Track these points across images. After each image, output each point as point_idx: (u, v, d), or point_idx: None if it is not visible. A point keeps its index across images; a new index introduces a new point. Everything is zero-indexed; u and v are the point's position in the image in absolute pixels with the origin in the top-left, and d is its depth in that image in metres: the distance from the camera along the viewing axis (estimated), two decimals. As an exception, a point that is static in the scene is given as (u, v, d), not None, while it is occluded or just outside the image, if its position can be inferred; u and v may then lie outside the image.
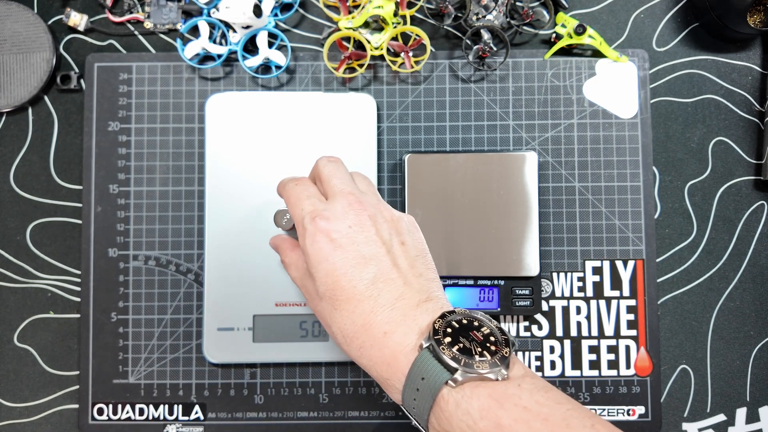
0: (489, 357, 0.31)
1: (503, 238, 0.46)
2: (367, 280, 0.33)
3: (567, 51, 0.50)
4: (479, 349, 0.31)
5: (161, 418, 0.47)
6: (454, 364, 0.30)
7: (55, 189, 0.49)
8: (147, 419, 0.47)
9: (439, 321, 0.32)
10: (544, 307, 0.48)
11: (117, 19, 0.50)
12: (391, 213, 0.37)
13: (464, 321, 0.33)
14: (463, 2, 0.49)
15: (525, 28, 0.49)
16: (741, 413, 0.48)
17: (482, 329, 0.32)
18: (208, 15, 0.49)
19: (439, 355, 0.30)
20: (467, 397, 0.29)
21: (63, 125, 0.50)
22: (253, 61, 0.48)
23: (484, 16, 0.49)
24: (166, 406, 0.47)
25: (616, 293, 0.48)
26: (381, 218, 0.36)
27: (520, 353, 0.48)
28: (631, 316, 0.48)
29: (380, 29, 0.49)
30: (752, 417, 0.48)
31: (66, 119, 0.50)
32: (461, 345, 0.31)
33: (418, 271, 0.35)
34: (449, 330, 0.32)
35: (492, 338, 0.32)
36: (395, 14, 0.48)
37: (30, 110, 0.50)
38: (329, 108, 0.48)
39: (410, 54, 0.48)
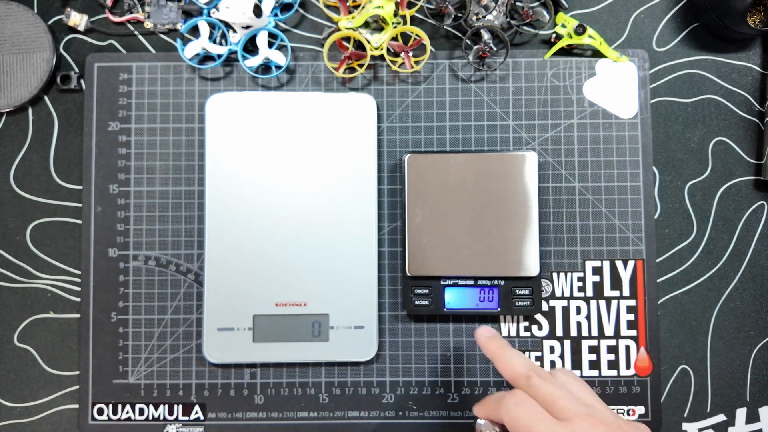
0: None
1: (503, 238, 0.46)
2: None
3: (567, 51, 0.50)
4: None
5: (161, 418, 0.47)
6: None
7: (55, 189, 0.49)
8: (147, 419, 0.47)
9: None
10: (544, 307, 0.48)
11: (117, 19, 0.50)
12: (626, 426, 0.35)
13: None
14: (463, 2, 0.49)
15: (525, 28, 0.49)
16: (741, 413, 0.48)
17: None
18: (208, 15, 0.49)
19: None
20: None
21: (63, 125, 0.50)
22: (253, 61, 0.48)
23: (484, 16, 0.49)
24: (166, 406, 0.47)
25: (616, 293, 0.48)
26: None
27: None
28: (631, 316, 0.48)
29: (380, 29, 0.49)
30: (752, 417, 0.48)
31: (66, 119, 0.50)
32: None
33: None
34: None
35: None
36: (395, 14, 0.48)
37: (30, 110, 0.50)
38: (329, 108, 0.48)
39: (410, 54, 0.48)
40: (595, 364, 0.48)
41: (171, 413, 0.47)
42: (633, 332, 0.48)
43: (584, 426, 0.34)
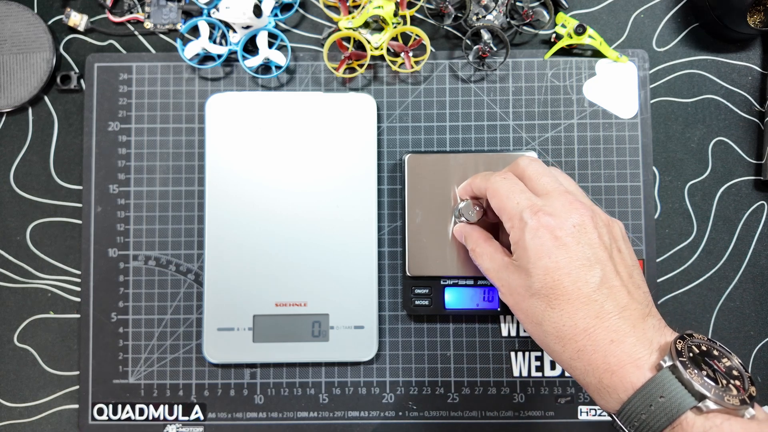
0: (736, 391, 0.30)
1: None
2: (593, 283, 0.33)
3: (567, 51, 0.50)
4: (724, 381, 0.30)
5: (161, 418, 0.47)
6: (703, 391, 0.29)
7: (55, 189, 0.49)
8: (147, 419, 0.47)
9: (680, 342, 0.31)
10: (544, 307, 0.48)
11: (117, 19, 0.50)
12: (606, 216, 0.36)
13: (704, 348, 0.32)
14: (463, 2, 0.49)
15: (525, 28, 0.49)
16: (741, 413, 0.48)
17: (723, 360, 0.32)
18: (208, 15, 0.49)
19: (685, 378, 0.29)
20: (717, 428, 0.29)
21: (63, 125, 0.50)
22: (253, 61, 0.48)
23: (484, 16, 0.49)
24: (166, 406, 0.47)
25: (616, 293, 0.48)
26: (599, 221, 0.35)
27: (520, 353, 0.48)
28: (631, 316, 0.48)
29: (380, 29, 0.49)
30: (752, 417, 0.48)
31: (66, 119, 0.50)
32: (707, 372, 0.30)
33: (636, 282, 0.34)
34: (691, 354, 0.31)
35: (735, 372, 0.31)
36: (395, 14, 0.48)
37: (30, 110, 0.50)
38: (329, 108, 0.48)
39: (410, 54, 0.48)
40: (595, 364, 0.48)
41: (171, 413, 0.47)
42: (633, 332, 0.48)
43: (561, 200, 0.35)
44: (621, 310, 0.32)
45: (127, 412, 0.47)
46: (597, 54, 0.50)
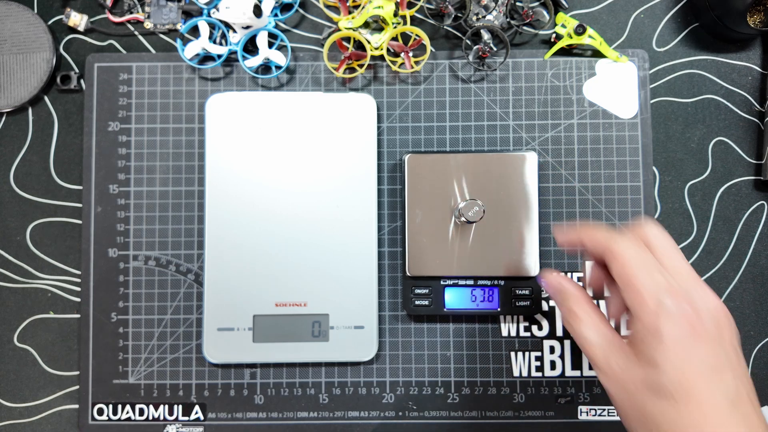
0: None
1: (503, 238, 0.46)
2: (727, 391, 0.30)
3: (567, 51, 0.50)
4: None
5: (161, 418, 0.47)
6: None
7: (55, 189, 0.49)
8: (147, 419, 0.47)
9: None
10: (544, 307, 0.48)
11: (117, 20, 0.50)
12: (727, 311, 0.32)
13: None
14: (463, 2, 0.49)
15: (525, 28, 0.49)
16: (741, 413, 0.48)
17: None
18: (208, 15, 0.49)
19: None
20: None
21: (63, 125, 0.50)
22: (253, 61, 0.48)
23: (484, 16, 0.49)
24: (166, 406, 0.47)
25: (616, 293, 0.48)
26: (727, 319, 0.32)
27: (520, 353, 0.48)
28: (631, 316, 0.48)
29: (380, 29, 0.49)
30: (752, 417, 0.48)
31: (66, 119, 0.50)
32: None
33: (753, 390, 0.31)
34: None
35: None
36: (395, 14, 0.48)
37: (30, 110, 0.50)
38: (329, 108, 0.48)
39: (410, 54, 0.48)
40: (595, 364, 0.48)
41: (171, 413, 0.47)
42: (633, 332, 0.48)
43: (698, 288, 0.32)
44: (752, 429, 0.29)
45: (127, 412, 0.47)
46: (597, 54, 0.50)
